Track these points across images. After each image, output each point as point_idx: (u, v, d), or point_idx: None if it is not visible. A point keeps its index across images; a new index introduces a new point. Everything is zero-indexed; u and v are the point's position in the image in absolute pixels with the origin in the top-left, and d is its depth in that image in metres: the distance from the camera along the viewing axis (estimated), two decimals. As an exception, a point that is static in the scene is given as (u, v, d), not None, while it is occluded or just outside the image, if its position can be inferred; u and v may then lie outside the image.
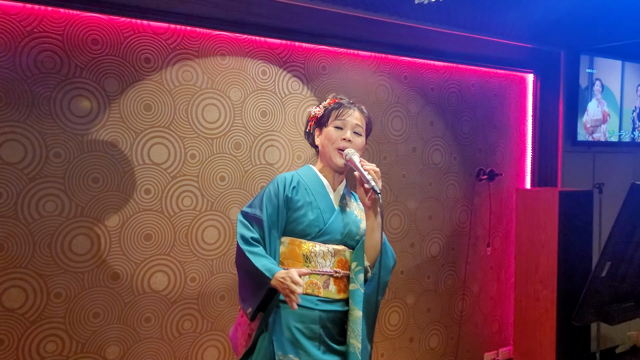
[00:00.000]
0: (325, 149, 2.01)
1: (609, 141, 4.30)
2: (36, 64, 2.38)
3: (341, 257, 1.98)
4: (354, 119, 2.01)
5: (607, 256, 1.44)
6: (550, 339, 3.66)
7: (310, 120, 2.11)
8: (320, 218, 1.96)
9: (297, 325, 1.89)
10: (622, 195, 4.49)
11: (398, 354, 3.52)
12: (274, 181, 2.01)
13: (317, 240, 1.95)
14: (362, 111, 2.06)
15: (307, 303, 1.89)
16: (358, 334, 1.90)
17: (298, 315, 1.89)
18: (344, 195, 2.06)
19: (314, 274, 1.92)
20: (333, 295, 1.94)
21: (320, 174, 2.06)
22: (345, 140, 1.97)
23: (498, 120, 3.94)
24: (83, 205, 2.49)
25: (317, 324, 1.91)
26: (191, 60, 2.73)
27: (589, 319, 1.52)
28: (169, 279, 2.70)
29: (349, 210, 2.04)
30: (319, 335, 1.92)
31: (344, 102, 2.05)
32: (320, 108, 2.08)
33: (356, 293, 1.92)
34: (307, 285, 1.90)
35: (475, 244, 3.86)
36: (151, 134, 2.64)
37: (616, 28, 3.50)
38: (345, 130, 1.99)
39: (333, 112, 2.02)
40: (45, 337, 2.43)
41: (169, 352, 2.72)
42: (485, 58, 3.74)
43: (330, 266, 1.95)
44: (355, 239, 2.01)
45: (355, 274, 1.95)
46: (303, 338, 1.89)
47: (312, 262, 1.93)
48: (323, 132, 2.04)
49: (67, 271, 2.47)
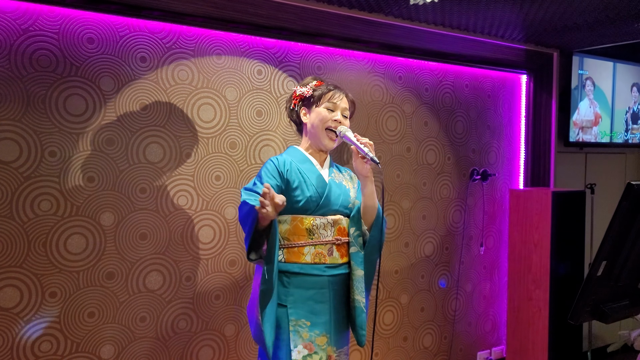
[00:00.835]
0: (316, 130, 2.20)
1: (601, 142, 4.34)
2: (31, 63, 2.37)
3: (339, 225, 2.21)
4: (344, 103, 2.23)
5: (602, 255, 1.46)
6: (542, 338, 3.69)
7: (295, 98, 2.29)
8: (315, 194, 2.16)
9: (309, 293, 2.11)
10: (613, 196, 4.58)
11: (392, 353, 3.53)
12: (268, 163, 2.17)
13: (316, 214, 2.16)
14: (347, 96, 2.27)
15: (316, 271, 2.13)
16: (362, 290, 2.18)
17: (310, 283, 2.11)
18: (331, 170, 2.28)
19: (319, 244, 2.14)
20: (337, 261, 2.18)
21: (306, 153, 2.25)
22: (336, 121, 2.18)
23: (491, 121, 3.96)
24: (78, 204, 2.49)
25: (326, 287, 2.14)
26: (187, 59, 2.73)
27: (585, 317, 1.54)
28: (164, 278, 2.70)
29: (338, 182, 2.25)
30: (328, 298, 2.14)
31: (332, 87, 2.24)
32: (308, 88, 2.25)
33: (357, 255, 2.20)
34: (315, 255, 2.13)
35: (468, 244, 3.88)
36: (147, 133, 2.64)
37: (608, 29, 3.53)
38: (336, 112, 2.20)
39: (325, 95, 2.21)
40: (40, 337, 2.42)
41: (164, 352, 2.71)
42: (479, 59, 3.76)
43: (331, 235, 2.18)
44: (348, 207, 2.25)
45: (354, 238, 2.20)
46: (314, 303, 2.11)
47: (316, 235, 2.15)
48: (313, 111, 2.22)
49: (62, 270, 2.46)
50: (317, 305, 2.12)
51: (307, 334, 2.09)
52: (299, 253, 2.13)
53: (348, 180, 2.32)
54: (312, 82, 2.28)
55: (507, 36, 3.73)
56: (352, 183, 2.33)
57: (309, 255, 2.13)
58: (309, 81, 2.29)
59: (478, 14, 3.18)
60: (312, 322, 2.10)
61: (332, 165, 2.33)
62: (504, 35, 3.70)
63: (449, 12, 3.14)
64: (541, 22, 3.37)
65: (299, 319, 2.09)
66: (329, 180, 2.23)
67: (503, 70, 3.95)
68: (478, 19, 3.29)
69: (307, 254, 2.13)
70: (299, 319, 2.09)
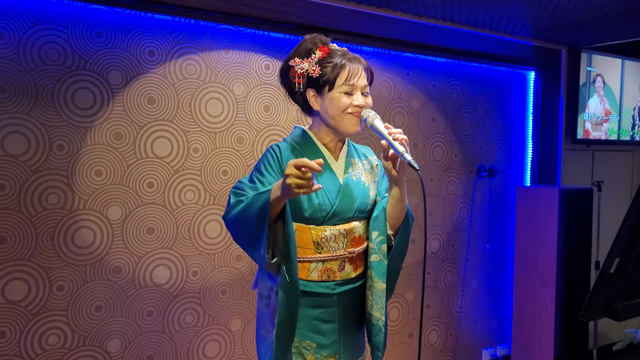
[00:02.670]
0: (333, 119, 1.74)
1: (608, 139, 4.31)
2: (40, 56, 2.37)
3: (354, 235, 1.80)
4: (362, 79, 1.73)
5: (616, 253, 1.44)
6: (548, 335, 3.68)
7: (296, 77, 1.77)
8: (326, 200, 1.75)
9: (315, 312, 1.78)
10: (620, 194, 4.56)
11: (398, 349, 3.53)
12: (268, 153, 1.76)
13: (326, 224, 1.76)
14: (362, 63, 1.76)
15: (323, 290, 1.78)
16: (382, 306, 1.80)
17: (316, 302, 1.78)
18: (348, 160, 1.84)
19: (329, 260, 1.77)
20: (349, 275, 1.81)
21: (319, 142, 1.81)
22: (358, 106, 1.71)
23: (499, 118, 3.95)
24: (86, 198, 2.49)
25: (335, 306, 1.80)
26: (195, 53, 2.72)
27: (597, 315, 1.53)
28: (171, 272, 2.70)
29: (356, 179, 1.82)
30: (337, 317, 1.81)
31: (345, 62, 1.72)
32: (311, 64, 1.75)
33: (379, 265, 1.79)
34: (322, 273, 1.77)
35: (475, 241, 3.87)
36: (154, 128, 2.63)
37: (617, 25, 3.51)
38: (357, 95, 1.72)
39: (339, 76, 1.71)
40: (47, 330, 2.43)
41: (171, 346, 2.71)
42: (487, 55, 3.74)
43: (343, 248, 1.78)
44: (367, 210, 1.83)
45: (377, 244, 1.79)
46: (320, 323, 1.79)
47: (324, 248, 1.76)
48: (326, 98, 1.73)
49: (70, 264, 2.46)
50: (323, 325, 1.80)
51: (313, 356, 1.78)
52: (304, 269, 1.76)
53: (368, 172, 1.88)
54: (314, 50, 1.77)
55: (515, 32, 3.71)
56: (372, 175, 1.90)
57: (316, 271, 1.77)
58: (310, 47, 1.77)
59: (487, 10, 3.16)
60: (319, 343, 1.79)
61: (351, 151, 1.87)
62: (512, 31, 3.68)
63: (457, 7, 3.12)
64: (550, 19, 3.35)
65: (303, 340, 1.78)
66: (345, 179, 1.80)
67: (511, 66, 3.93)
68: (486, 15, 3.27)
69: (313, 270, 1.77)
70: (303, 340, 1.78)
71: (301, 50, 1.78)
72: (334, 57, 1.73)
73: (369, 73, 1.78)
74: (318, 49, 1.76)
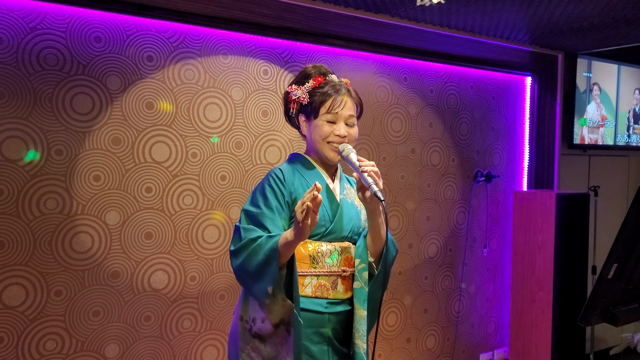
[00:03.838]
0: (316, 144, 1.83)
1: (605, 144, 4.34)
2: (39, 61, 2.37)
3: (347, 254, 1.85)
4: (347, 110, 1.80)
5: (614, 258, 1.45)
6: (545, 340, 3.69)
7: (291, 102, 1.88)
8: (326, 216, 1.80)
9: (305, 331, 1.75)
10: (617, 199, 4.58)
11: (395, 354, 3.53)
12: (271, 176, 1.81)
13: (323, 240, 1.80)
14: (352, 96, 1.84)
15: (316, 307, 1.78)
16: (363, 334, 1.81)
17: (307, 321, 1.75)
18: (342, 184, 1.91)
19: (322, 276, 1.79)
20: (341, 296, 1.83)
21: (315, 164, 1.89)
22: (339, 136, 1.79)
23: (496, 123, 3.96)
24: (84, 203, 2.48)
25: (326, 327, 1.80)
26: (193, 59, 2.73)
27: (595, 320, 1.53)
28: (169, 277, 2.70)
29: (350, 201, 1.89)
30: (327, 339, 1.80)
31: (332, 92, 1.80)
32: (303, 91, 1.84)
33: (360, 292, 1.83)
34: (316, 288, 1.78)
35: (472, 246, 3.88)
36: (153, 132, 2.63)
37: (613, 31, 3.53)
38: (339, 125, 1.79)
39: (324, 104, 1.79)
40: (45, 335, 2.42)
41: (169, 351, 2.71)
42: (484, 60, 3.76)
43: (337, 265, 1.81)
44: (359, 232, 1.89)
45: (359, 272, 1.83)
46: (311, 343, 1.78)
47: (320, 263, 1.79)
48: (312, 124, 1.82)
49: (68, 269, 2.46)
50: (313, 346, 1.78)
51: None
52: (298, 283, 1.75)
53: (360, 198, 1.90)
54: (309, 80, 1.86)
55: (512, 38, 3.73)
56: None
57: (310, 287, 1.78)
58: (307, 76, 1.87)
59: (484, 15, 3.18)
60: None
61: (343, 177, 1.95)
62: (509, 37, 3.70)
63: (454, 13, 3.14)
64: (546, 25, 3.37)
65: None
66: (341, 199, 1.86)
67: (508, 72, 3.95)
68: (483, 20, 3.29)
69: (307, 285, 1.78)
70: None
71: (299, 77, 1.89)
72: (324, 87, 1.83)
73: (357, 105, 1.87)
74: (313, 79, 1.86)
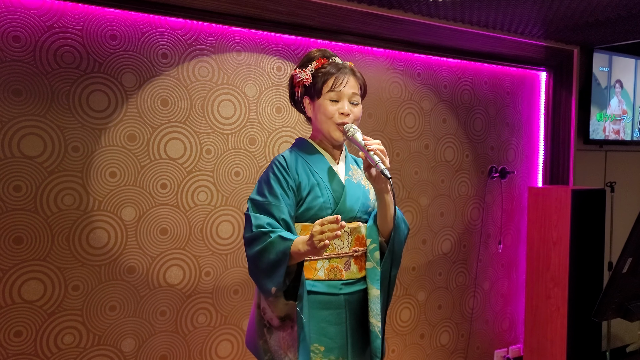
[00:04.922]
0: (322, 125, 1.83)
1: (621, 139, 4.29)
2: (56, 59, 2.40)
3: (358, 234, 1.86)
4: (349, 88, 1.81)
5: (628, 253, 1.44)
6: (561, 336, 3.67)
7: (296, 85, 1.89)
8: (330, 199, 1.82)
9: (322, 313, 1.80)
10: (633, 194, 4.53)
11: (409, 350, 3.53)
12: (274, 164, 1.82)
13: None
14: (355, 75, 1.85)
15: (331, 289, 1.81)
16: (377, 312, 1.83)
17: (323, 303, 1.80)
18: (347, 165, 1.92)
19: (334, 258, 1.81)
20: (355, 275, 1.85)
21: (318, 147, 1.90)
22: (343, 114, 1.80)
23: (510, 118, 3.94)
24: (100, 199, 2.52)
25: (342, 308, 1.83)
26: (207, 56, 2.74)
27: (609, 315, 1.52)
28: (184, 273, 2.72)
29: (356, 181, 1.90)
30: (344, 319, 1.83)
31: (334, 70, 1.82)
32: (307, 73, 1.85)
33: (373, 271, 1.85)
34: (329, 271, 1.81)
35: (486, 242, 3.86)
36: (167, 129, 2.66)
37: (629, 25, 3.49)
38: (343, 103, 1.80)
39: (326, 83, 1.80)
40: (63, 329, 2.46)
41: (184, 346, 2.74)
42: (498, 55, 3.73)
43: (348, 246, 1.83)
44: (368, 212, 1.91)
45: (370, 252, 1.85)
46: (328, 325, 1.80)
47: (330, 246, 1.79)
48: (316, 105, 1.84)
49: (85, 264, 2.49)
50: (331, 327, 1.81)
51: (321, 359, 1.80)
52: (310, 268, 1.80)
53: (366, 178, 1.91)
54: (312, 62, 1.86)
55: (526, 33, 3.70)
56: None
57: (322, 270, 1.81)
58: (311, 59, 1.88)
59: (498, 10, 3.16)
60: (327, 346, 1.80)
61: (349, 158, 1.96)
62: (523, 31, 3.67)
63: (468, 8, 3.12)
64: (562, 19, 3.34)
65: (311, 344, 1.77)
66: (346, 180, 1.88)
67: (522, 67, 3.92)
68: (498, 15, 3.27)
69: (319, 269, 1.81)
70: (312, 344, 1.77)
71: (303, 61, 1.89)
72: (326, 67, 1.83)
73: (361, 85, 1.87)
74: (316, 61, 1.86)
